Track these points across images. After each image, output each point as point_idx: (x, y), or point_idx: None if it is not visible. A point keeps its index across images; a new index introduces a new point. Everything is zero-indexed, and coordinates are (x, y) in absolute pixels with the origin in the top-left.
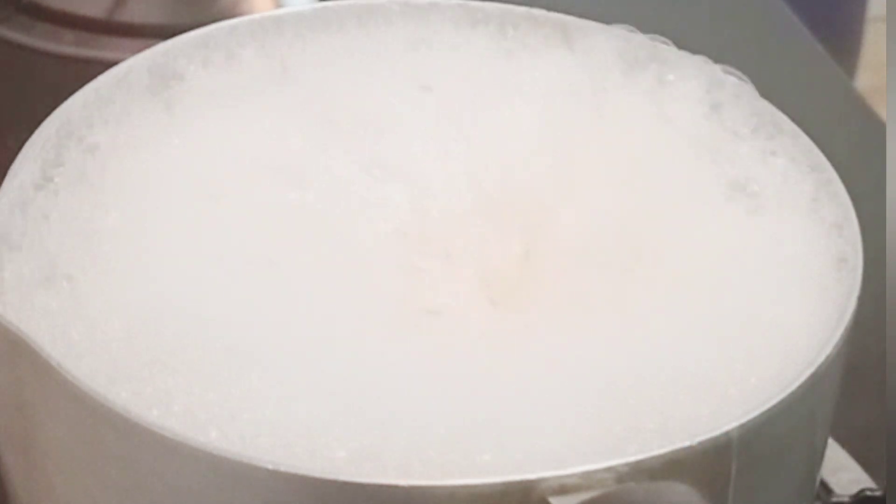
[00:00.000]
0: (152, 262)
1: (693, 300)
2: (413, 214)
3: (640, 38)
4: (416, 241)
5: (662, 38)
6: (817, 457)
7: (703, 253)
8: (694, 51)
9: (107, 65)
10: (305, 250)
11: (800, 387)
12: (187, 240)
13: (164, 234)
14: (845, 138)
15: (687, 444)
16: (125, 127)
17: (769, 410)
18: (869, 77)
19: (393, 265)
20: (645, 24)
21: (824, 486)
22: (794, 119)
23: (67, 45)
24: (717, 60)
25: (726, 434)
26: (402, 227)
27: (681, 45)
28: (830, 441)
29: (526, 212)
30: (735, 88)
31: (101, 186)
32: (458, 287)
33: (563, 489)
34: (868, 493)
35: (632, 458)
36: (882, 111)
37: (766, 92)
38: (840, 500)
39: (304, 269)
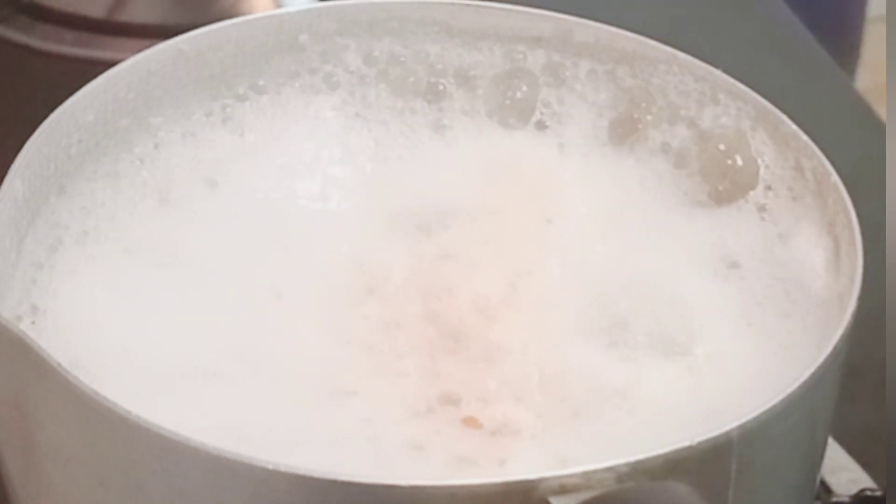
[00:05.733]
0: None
1: (691, 298)
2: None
3: None
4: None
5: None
6: (817, 457)
7: (702, 254)
8: (694, 51)
9: (107, 65)
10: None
11: (800, 387)
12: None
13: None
14: (845, 138)
15: (687, 444)
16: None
17: (769, 410)
18: (869, 77)
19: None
20: (644, 25)
21: (824, 486)
22: (794, 119)
23: (67, 45)
24: (716, 60)
25: (726, 434)
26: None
27: (680, 46)
28: (830, 441)
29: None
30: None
31: None
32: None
33: (563, 489)
34: (868, 493)
35: (632, 458)
36: (882, 111)
37: (767, 92)
38: (840, 500)
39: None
